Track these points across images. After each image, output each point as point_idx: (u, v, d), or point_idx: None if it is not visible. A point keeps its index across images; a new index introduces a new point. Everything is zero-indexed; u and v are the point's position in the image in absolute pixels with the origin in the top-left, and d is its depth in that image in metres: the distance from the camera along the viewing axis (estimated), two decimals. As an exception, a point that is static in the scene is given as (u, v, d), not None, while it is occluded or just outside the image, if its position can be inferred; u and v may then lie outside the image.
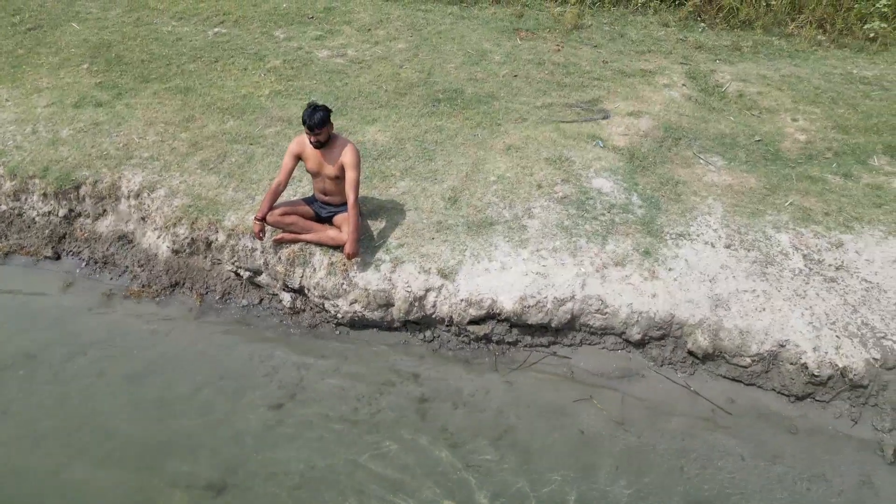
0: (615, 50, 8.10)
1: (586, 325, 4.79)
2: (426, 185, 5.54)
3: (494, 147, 6.05)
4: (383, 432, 4.39)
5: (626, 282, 4.80)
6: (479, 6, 9.36)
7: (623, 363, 4.79)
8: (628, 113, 6.60)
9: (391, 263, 4.87)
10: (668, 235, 5.11)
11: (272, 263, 5.10)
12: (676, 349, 4.71)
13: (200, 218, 5.36)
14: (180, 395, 4.63)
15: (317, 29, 8.41)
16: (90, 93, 6.92)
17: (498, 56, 7.82)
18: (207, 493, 4.09)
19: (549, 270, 4.85)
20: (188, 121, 6.43)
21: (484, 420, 4.47)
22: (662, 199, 5.46)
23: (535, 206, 5.35)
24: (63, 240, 5.85)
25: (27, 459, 4.18)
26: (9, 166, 5.99)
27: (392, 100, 6.82)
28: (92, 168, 5.89)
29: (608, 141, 6.15)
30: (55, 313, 5.26)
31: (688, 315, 4.64)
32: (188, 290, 5.42)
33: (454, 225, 5.16)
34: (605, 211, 5.33)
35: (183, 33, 8.28)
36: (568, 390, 4.65)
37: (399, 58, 7.72)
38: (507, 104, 6.79)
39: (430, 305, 4.82)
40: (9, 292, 5.44)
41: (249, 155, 5.92)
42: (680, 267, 4.87)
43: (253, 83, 7.10)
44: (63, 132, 6.32)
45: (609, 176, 5.68)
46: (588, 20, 8.94)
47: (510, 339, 4.88)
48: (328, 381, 4.73)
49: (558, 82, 7.25)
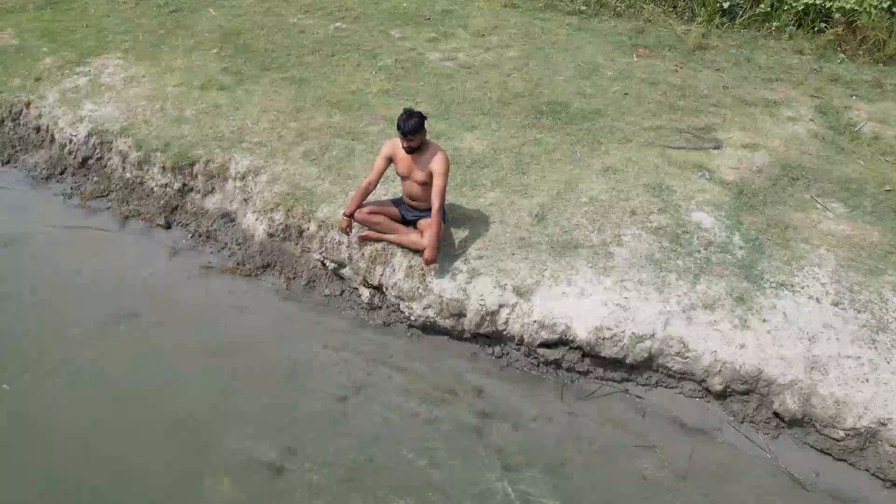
0: (739, 75, 7.63)
1: (664, 366, 4.56)
2: (515, 199, 5.47)
3: (592, 166, 5.88)
4: (439, 440, 4.39)
5: (714, 327, 4.51)
6: (599, 18, 9.12)
7: (699, 413, 4.52)
8: (743, 145, 6.20)
9: (468, 274, 4.85)
10: (768, 283, 4.75)
11: (356, 258, 5.23)
12: (761, 408, 4.38)
13: (296, 206, 5.58)
14: (254, 373, 4.84)
15: (432, 31, 8.52)
16: (216, 76, 7.38)
17: (610, 72, 7.59)
18: (265, 472, 4.24)
19: (631, 303, 4.65)
20: (298, 111, 6.71)
21: (541, 447, 4.36)
22: (767, 243, 5.08)
23: (626, 233, 5.15)
24: (175, 211, 6.28)
25: (101, 414, 4.51)
26: (136, 138, 6.51)
27: (495, 108, 6.79)
28: (207, 148, 6.28)
29: (716, 173, 5.81)
30: (160, 278, 5.65)
31: (778, 373, 4.30)
32: (277, 273, 5.66)
33: (537, 243, 5.06)
34: (701, 248, 5.03)
35: (306, 26, 8.65)
36: (634, 431, 4.44)
37: (508, 66, 7.67)
38: (612, 123, 6.57)
39: (501, 321, 4.76)
40: (122, 255, 5.91)
41: (350, 150, 6.10)
42: (776, 319, 4.52)
43: (363, 80, 7.29)
44: (187, 111, 6.79)
45: (711, 211, 5.36)
46: (714, 41, 8.48)
47: (581, 368, 4.73)
48: (393, 381, 4.79)
49: (671, 105, 6.93)
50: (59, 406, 4.55)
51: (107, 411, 4.54)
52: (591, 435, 4.42)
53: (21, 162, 7.04)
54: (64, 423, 4.44)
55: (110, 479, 4.14)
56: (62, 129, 6.87)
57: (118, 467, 4.19)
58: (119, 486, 4.11)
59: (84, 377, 4.76)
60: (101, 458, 4.24)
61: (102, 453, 4.27)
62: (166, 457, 4.27)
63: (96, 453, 4.27)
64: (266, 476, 4.22)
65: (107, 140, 6.65)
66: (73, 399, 4.60)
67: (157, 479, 4.14)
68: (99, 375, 4.78)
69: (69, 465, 4.19)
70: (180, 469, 4.21)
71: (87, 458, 4.24)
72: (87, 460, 4.23)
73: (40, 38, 8.36)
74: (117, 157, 6.56)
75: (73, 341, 5.00)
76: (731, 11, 8.99)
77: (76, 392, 4.66)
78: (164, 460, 4.25)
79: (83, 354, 4.91)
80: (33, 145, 7.12)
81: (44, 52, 8.03)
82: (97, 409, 4.54)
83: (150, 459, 4.25)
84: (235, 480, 4.15)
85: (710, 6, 9.04)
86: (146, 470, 4.18)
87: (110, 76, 7.48)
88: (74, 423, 4.43)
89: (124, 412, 4.53)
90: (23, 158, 7.05)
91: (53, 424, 4.43)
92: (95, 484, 4.11)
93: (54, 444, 4.31)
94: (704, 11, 9.02)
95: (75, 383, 4.71)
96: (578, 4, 9.41)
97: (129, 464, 4.21)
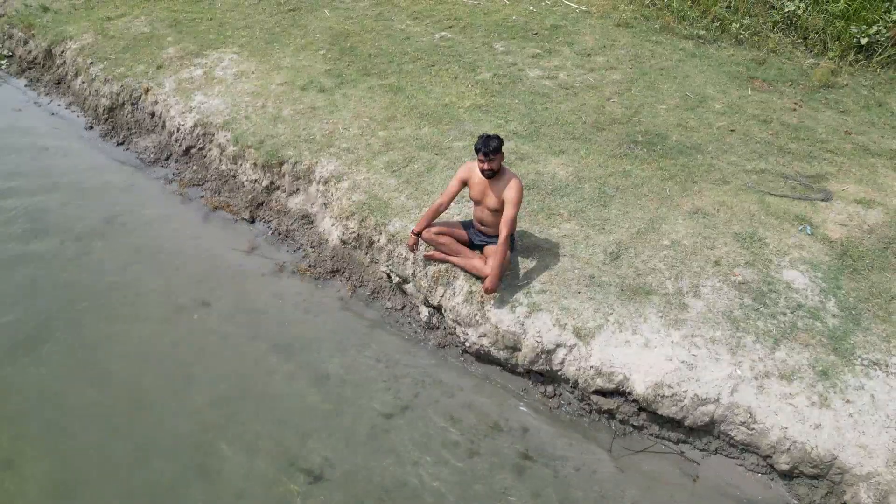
0: (866, 120, 6.94)
1: (726, 434, 4.21)
2: (591, 233, 5.24)
3: (680, 206, 5.54)
4: (476, 475, 4.29)
5: (788, 400, 4.11)
6: (717, 45, 8.61)
7: (760, 490, 4.14)
8: (857, 200, 5.63)
9: (528, 308, 4.70)
10: (859, 360, 4.28)
11: (419, 276, 5.21)
12: (830, 495, 3.95)
13: (370, 217, 5.64)
14: (310, 377, 4.95)
15: (536, 46, 8.36)
16: (318, 78, 7.62)
17: (719, 105, 7.13)
18: (304, 477, 4.33)
19: (699, 362, 4.33)
20: (389, 120, 6.78)
21: (582, 500, 4.16)
22: (866, 314, 4.58)
23: (706, 285, 4.81)
24: (260, 207, 6.54)
25: (165, 398, 4.76)
26: (235, 133, 6.84)
27: (587, 133, 6.56)
28: (297, 149, 6.49)
29: (819, 228, 5.31)
30: (236, 272, 5.91)
31: (855, 462, 3.86)
32: (344, 280, 5.75)
33: (607, 283, 4.82)
34: (787, 310, 4.61)
35: (412, 33, 8.75)
36: (684, 498, 4.14)
37: (609, 89, 7.39)
38: (711, 160, 6.16)
39: (557, 361, 4.57)
40: (205, 244, 6.22)
41: (432, 165, 6.09)
42: (862, 402, 4.06)
43: (458, 93, 7.27)
44: (285, 111, 7.05)
45: (807, 270, 4.90)
46: (843, 79, 7.77)
47: (636, 422, 4.47)
48: (440, 406, 4.73)
49: (781, 147, 6.41)
50: (134, 383, 4.85)
51: (174, 392, 4.81)
52: (637, 494, 4.17)
53: (134, 144, 7.59)
54: (140, 398, 4.75)
55: (148, 448, 4.38)
56: (173, 117, 7.34)
57: (167, 440, 4.42)
58: (151, 457, 4.33)
59: (158, 358, 5.05)
60: (159, 428, 4.50)
61: (163, 426, 4.54)
62: (215, 445, 4.45)
63: (161, 425, 4.55)
64: (303, 482, 4.30)
65: (210, 132, 7.04)
66: (148, 376, 4.90)
67: (204, 474, 4.32)
68: (171, 358, 5.06)
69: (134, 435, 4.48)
70: (226, 461, 4.37)
71: (153, 428, 4.52)
72: (152, 429, 4.51)
73: (168, 28, 8.98)
74: (216, 150, 6.92)
75: (151, 323, 5.33)
76: (868, 48, 8.20)
77: (149, 370, 4.95)
78: (214, 448, 4.43)
79: (160, 337, 5.22)
80: (146, 130, 7.66)
81: (169, 41, 8.61)
82: (167, 390, 4.82)
83: (198, 449, 4.44)
84: (274, 481, 4.26)
85: (844, 40, 8.30)
86: (192, 458, 4.38)
87: (223, 70, 7.90)
88: (147, 399, 4.73)
89: (187, 395, 4.77)
90: (136, 141, 7.60)
91: (135, 396, 4.75)
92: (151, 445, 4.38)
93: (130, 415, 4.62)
94: (838, 46, 8.29)
95: (149, 363, 5.01)
96: (698, 29, 8.93)
97: (179, 441, 4.44)
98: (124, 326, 5.30)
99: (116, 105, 7.99)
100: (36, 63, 9.37)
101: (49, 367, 4.96)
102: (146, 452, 4.40)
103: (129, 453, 4.40)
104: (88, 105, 8.26)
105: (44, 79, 9.09)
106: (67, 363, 4.99)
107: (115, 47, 8.66)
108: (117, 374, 4.92)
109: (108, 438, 4.49)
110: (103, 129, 7.93)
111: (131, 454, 4.40)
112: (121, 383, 4.86)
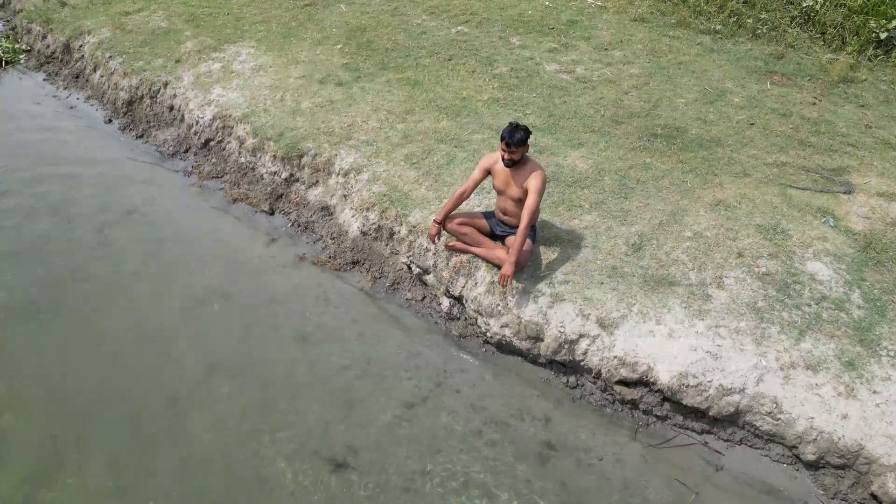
0: (887, 114, 6.90)
1: (751, 424, 4.20)
2: (612, 224, 5.24)
3: (701, 199, 5.52)
4: (498, 464, 4.29)
5: (814, 391, 4.09)
6: (734, 40, 8.58)
7: (785, 481, 4.12)
8: (879, 192, 5.60)
9: (550, 298, 4.70)
10: (886, 351, 4.25)
11: (440, 267, 5.22)
12: (857, 486, 3.93)
13: (390, 208, 5.65)
14: (331, 367, 4.96)
15: (553, 41, 8.35)
16: (335, 72, 7.64)
17: (738, 98, 7.10)
18: (327, 465, 4.33)
19: (724, 353, 4.32)
20: (407, 113, 6.79)
21: (605, 489, 4.15)
22: (891, 306, 4.55)
23: (729, 276, 4.79)
24: (279, 199, 6.56)
25: (187, 389, 4.78)
26: (254, 126, 6.87)
27: (605, 126, 6.55)
28: (316, 142, 6.51)
29: (842, 220, 5.28)
30: (256, 263, 5.93)
31: (882, 452, 3.83)
32: (364, 271, 5.76)
33: (629, 274, 4.82)
34: (812, 301, 4.59)
35: (429, 27, 8.76)
36: (709, 488, 4.12)
37: (627, 83, 7.37)
38: (731, 153, 6.14)
39: (580, 352, 4.57)
40: (225, 236, 6.25)
41: (451, 157, 6.09)
42: (889, 392, 4.03)
43: (475, 87, 7.28)
44: (304, 104, 7.07)
45: (830, 262, 4.88)
46: (863, 74, 7.73)
47: (660, 412, 4.46)
48: (462, 396, 4.73)
49: (801, 140, 6.38)
50: (156, 374, 4.88)
51: (196, 383, 4.82)
52: (660, 483, 4.16)
53: (153, 137, 7.63)
54: (160, 389, 4.76)
55: (171, 438, 4.39)
56: (192, 110, 7.38)
57: (189, 431, 4.44)
58: (174, 446, 4.35)
59: (179, 348, 5.07)
60: (179, 420, 4.52)
61: (186, 416, 4.55)
62: (239, 434, 4.46)
63: (180, 415, 4.56)
64: (327, 470, 4.31)
65: (228, 125, 7.07)
66: (171, 366, 4.92)
67: (228, 463, 4.34)
68: (193, 348, 5.07)
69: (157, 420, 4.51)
70: (251, 448, 4.38)
71: (172, 417, 4.55)
72: (171, 418, 4.54)
73: (186, 22, 9.03)
74: (235, 142, 6.95)
75: (171, 314, 5.35)
76: (887, 43, 8.16)
77: (170, 362, 4.97)
78: (237, 437, 4.44)
79: (180, 328, 5.23)
80: (165, 123, 7.70)
81: (186, 35, 8.66)
82: (189, 381, 4.83)
83: (221, 438, 4.46)
84: (299, 469, 4.27)
85: (864, 35, 8.26)
86: (217, 447, 4.39)
87: (241, 64, 7.93)
88: (168, 390, 4.75)
89: (208, 385, 4.79)
90: (155, 134, 7.64)
91: (156, 387, 4.77)
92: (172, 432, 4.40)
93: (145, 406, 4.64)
94: (857, 41, 8.25)
95: (170, 353, 5.03)
96: (715, 24, 8.91)
97: (201, 430, 4.45)
98: (145, 317, 5.32)
99: (135, 98, 8.04)
100: (54, 57, 9.44)
101: (69, 357, 4.98)
102: (167, 442, 4.42)
103: (152, 447, 4.42)
104: (107, 98, 8.31)
105: (62, 73, 9.15)
106: (86, 353, 5.01)
107: (133, 42, 8.71)
108: (137, 365, 4.93)
109: (127, 432, 4.50)
110: (122, 122, 7.98)
111: (154, 448, 4.41)
112: (141, 373, 4.87)
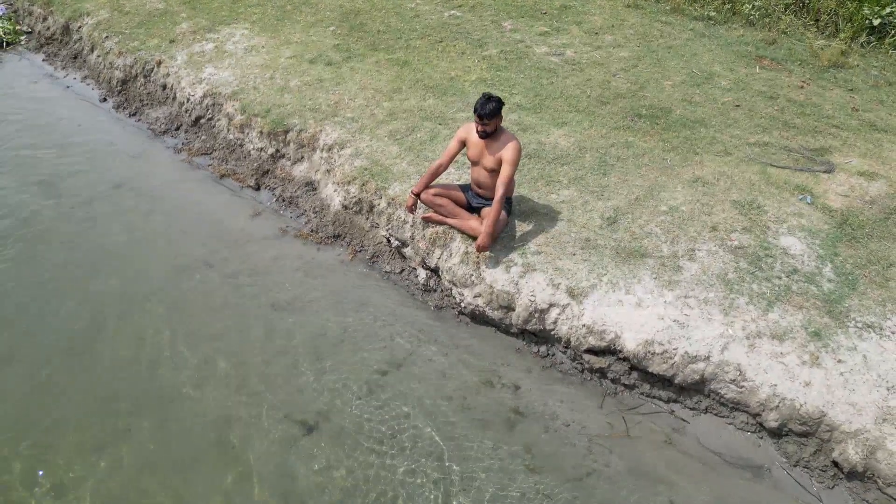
0: (874, 98, 6.89)
1: (716, 392, 4.23)
2: (589, 199, 5.27)
3: (680, 176, 5.54)
4: (468, 429, 4.34)
5: (779, 359, 4.12)
6: (727, 26, 8.57)
7: (748, 449, 4.15)
8: (860, 172, 5.60)
9: (522, 268, 4.74)
10: (853, 322, 4.27)
11: (417, 238, 5.27)
12: (818, 453, 3.95)
13: (371, 181, 5.71)
14: (307, 335, 5.02)
15: (545, 25, 8.38)
16: (326, 52, 7.71)
17: (725, 81, 7.11)
18: (299, 428, 4.40)
19: (691, 322, 4.35)
20: (394, 92, 6.85)
21: (570, 454, 4.19)
22: (862, 280, 4.56)
23: (701, 248, 4.82)
24: (266, 175, 6.64)
25: (164, 352, 4.86)
26: (243, 102, 6.95)
27: (591, 106, 6.57)
28: (302, 118, 6.58)
29: (820, 198, 5.29)
30: (238, 235, 6.00)
31: (843, 419, 3.85)
32: (345, 244, 5.83)
33: (602, 246, 4.85)
34: (782, 274, 4.61)
35: (422, 11, 8.81)
36: (672, 455, 4.16)
37: (616, 66, 7.40)
38: (714, 134, 6.16)
39: (550, 321, 4.61)
40: (211, 210, 6.33)
41: (434, 134, 6.15)
42: (854, 361, 4.05)
43: (464, 67, 7.32)
44: (293, 82, 7.14)
45: (804, 237, 4.89)
46: (854, 60, 7.71)
47: (627, 381, 4.50)
48: (434, 364, 4.79)
49: (786, 122, 6.38)
50: (134, 338, 4.96)
51: (173, 347, 4.90)
52: (624, 451, 4.19)
53: (145, 115, 7.73)
54: (138, 352, 4.85)
55: (149, 399, 4.47)
56: (183, 88, 7.47)
57: (165, 393, 4.52)
58: (149, 408, 4.43)
59: (159, 315, 5.15)
60: (157, 380, 4.61)
61: (164, 379, 4.64)
62: (214, 398, 4.54)
63: (159, 378, 4.65)
64: (298, 433, 4.37)
65: (218, 102, 7.15)
66: (151, 331, 5.01)
67: (202, 425, 4.41)
68: (172, 313, 5.16)
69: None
70: (224, 411, 4.45)
71: (147, 380, 4.63)
72: (145, 381, 4.62)
73: (182, 4, 9.12)
74: (224, 120, 7.03)
75: (154, 282, 5.44)
76: (880, 29, 8.13)
77: (152, 326, 5.06)
78: (212, 401, 4.52)
79: (161, 295, 5.32)
80: (158, 101, 7.80)
81: (182, 17, 8.75)
82: (166, 346, 4.92)
83: (197, 402, 4.53)
84: (270, 432, 4.34)
85: (857, 22, 8.23)
86: (192, 410, 4.47)
87: (234, 44, 8.02)
88: (145, 354, 4.83)
89: (189, 351, 4.86)
90: (147, 112, 7.74)
91: (134, 351, 4.86)
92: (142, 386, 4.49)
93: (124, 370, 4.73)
94: (850, 27, 8.22)
95: (151, 320, 5.12)
96: (708, 10, 8.91)
97: (178, 393, 4.53)
98: (127, 283, 5.41)
99: (129, 77, 8.14)
100: (54, 39, 9.57)
101: (53, 322, 5.08)
102: (146, 403, 4.50)
103: (131, 406, 4.50)
104: (103, 78, 8.42)
105: (61, 54, 9.28)
106: (69, 316, 5.11)
107: (129, 23, 8.82)
108: (118, 329, 5.02)
109: (104, 390, 4.58)
110: (116, 100, 8.08)
111: (133, 407, 4.50)
112: (121, 337, 4.96)
